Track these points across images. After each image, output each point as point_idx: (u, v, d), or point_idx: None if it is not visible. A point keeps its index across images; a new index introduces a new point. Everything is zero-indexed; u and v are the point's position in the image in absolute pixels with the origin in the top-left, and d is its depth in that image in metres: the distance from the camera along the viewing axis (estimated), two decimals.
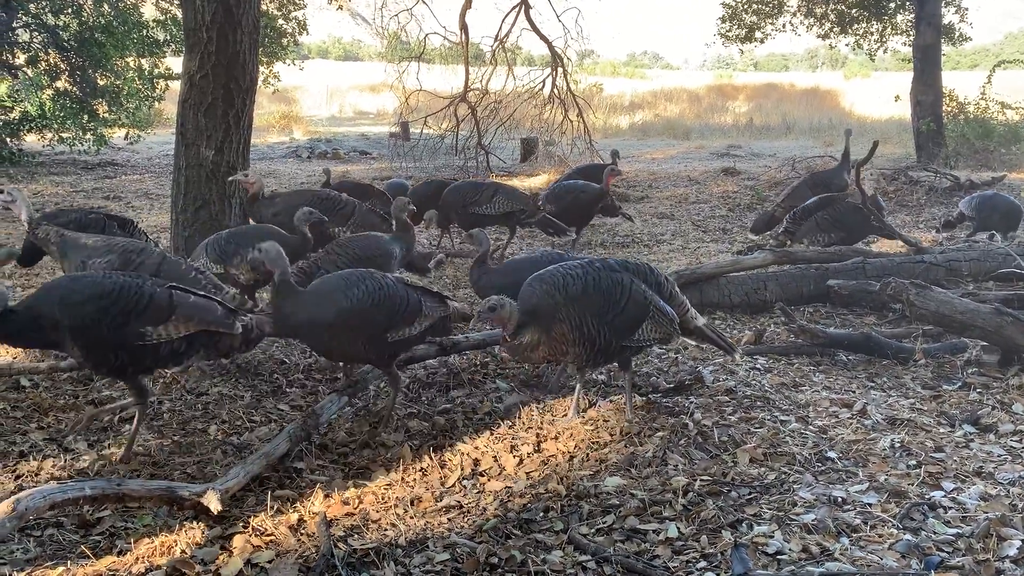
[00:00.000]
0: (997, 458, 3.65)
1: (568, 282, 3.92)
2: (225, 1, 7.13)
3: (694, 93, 34.63)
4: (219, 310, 3.92)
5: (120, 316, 3.65)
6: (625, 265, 4.14)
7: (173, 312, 3.75)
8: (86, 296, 3.65)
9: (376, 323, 4.02)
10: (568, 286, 3.90)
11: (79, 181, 13.82)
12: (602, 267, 4.05)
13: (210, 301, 3.98)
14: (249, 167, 7.91)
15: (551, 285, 3.92)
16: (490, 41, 17.17)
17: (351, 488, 3.53)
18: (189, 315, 3.80)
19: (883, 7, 18.92)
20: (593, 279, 3.94)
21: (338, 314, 3.96)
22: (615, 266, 4.09)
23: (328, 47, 64.41)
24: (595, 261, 4.12)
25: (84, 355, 3.73)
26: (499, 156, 16.98)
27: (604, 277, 3.97)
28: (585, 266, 4.05)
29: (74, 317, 3.59)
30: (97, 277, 3.88)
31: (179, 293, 3.86)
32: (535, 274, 4.07)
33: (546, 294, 3.89)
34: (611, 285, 3.95)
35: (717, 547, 2.94)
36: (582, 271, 3.98)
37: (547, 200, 8.47)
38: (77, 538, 3.18)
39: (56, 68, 16.13)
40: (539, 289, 3.93)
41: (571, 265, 4.08)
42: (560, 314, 3.84)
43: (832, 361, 5.20)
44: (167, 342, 3.75)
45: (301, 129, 23.95)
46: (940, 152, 15.06)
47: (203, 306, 3.90)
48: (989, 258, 6.76)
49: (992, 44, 60.76)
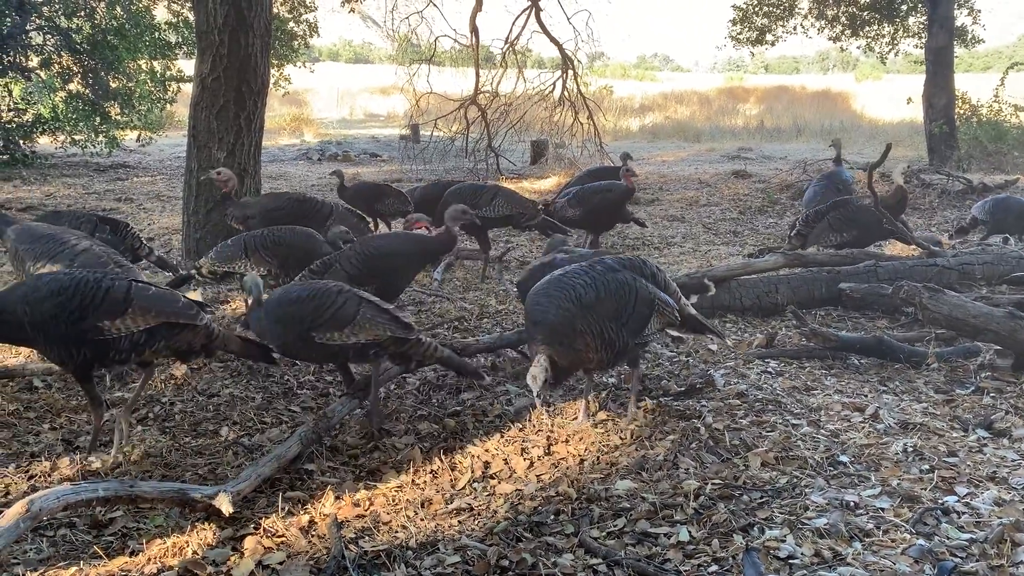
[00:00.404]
0: (1011, 463, 3.62)
1: (580, 292, 3.84)
2: (237, 4, 7.17)
3: (704, 95, 34.60)
4: (180, 301, 3.91)
5: (77, 311, 3.66)
6: (622, 263, 4.14)
7: (130, 305, 3.74)
8: (45, 293, 3.67)
9: (299, 319, 4.02)
10: (581, 296, 3.83)
11: (91, 183, 13.90)
12: (604, 269, 4.01)
13: (171, 293, 3.99)
14: (260, 169, 7.96)
15: (563, 298, 3.82)
16: (500, 43, 17.18)
17: (362, 490, 3.54)
18: (147, 307, 3.78)
19: (895, 9, 18.84)
20: (603, 284, 3.90)
21: (272, 309, 4.10)
22: (615, 265, 4.07)
23: (339, 50, 64.62)
24: (595, 264, 4.07)
25: (48, 351, 3.77)
26: (509, 159, 16.99)
27: (611, 279, 3.94)
28: (588, 271, 3.98)
29: (35, 314, 3.64)
30: (60, 274, 3.90)
31: (138, 285, 3.86)
32: (539, 288, 3.96)
33: (561, 309, 3.79)
34: (619, 287, 3.93)
35: (729, 551, 2.93)
36: (589, 278, 3.92)
37: (570, 204, 8.35)
38: (90, 538, 3.19)
39: (69, 70, 16.24)
40: (552, 305, 3.82)
41: (574, 272, 4.00)
42: (580, 325, 3.78)
43: (844, 365, 5.17)
44: (127, 335, 3.74)
45: (312, 131, 24.04)
46: (953, 155, 14.98)
47: (163, 297, 3.89)
48: (1003, 261, 6.71)
49: (1005, 46, 60.39)
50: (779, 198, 12.52)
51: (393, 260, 5.35)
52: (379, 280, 5.24)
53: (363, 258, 5.26)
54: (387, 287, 5.28)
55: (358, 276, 5.12)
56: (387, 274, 5.29)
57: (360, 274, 5.15)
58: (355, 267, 5.20)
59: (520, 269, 8.21)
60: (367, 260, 5.24)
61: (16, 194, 11.74)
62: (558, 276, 4.01)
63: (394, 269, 5.35)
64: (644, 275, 4.11)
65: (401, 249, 5.46)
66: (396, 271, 5.38)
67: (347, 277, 5.08)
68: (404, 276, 5.53)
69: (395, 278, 5.40)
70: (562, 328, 3.78)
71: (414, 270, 5.69)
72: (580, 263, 4.16)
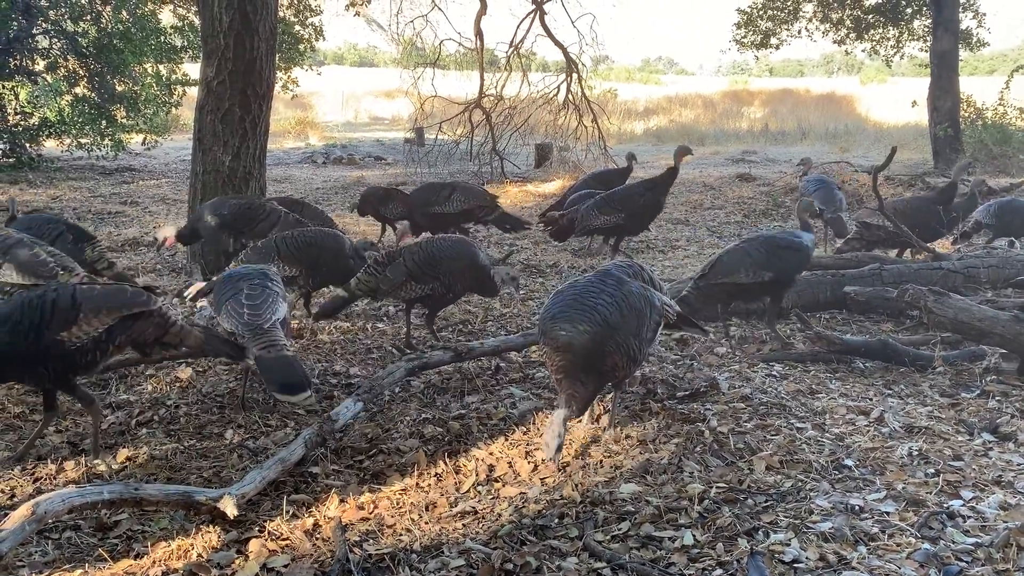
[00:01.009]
0: (1017, 467, 3.61)
1: (605, 313, 3.71)
2: (242, 8, 7.19)
3: (709, 99, 34.58)
4: (128, 292, 3.90)
5: (32, 332, 3.63)
6: (628, 271, 4.09)
7: (80, 310, 3.71)
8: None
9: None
10: (608, 318, 3.70)
11: (97, 186, 13.95)
12: (616, 283, 3.90)
13: (118, 287, 3.96)
14: (265, 172, 7.98)
15: (589, 321, 3.68)
16: (505, 47, 17.24)
17: (366, 493, 3.54)
18: (98, 307, 3.76)
19: (900, 13, 18.85)
20: (623, 300, 3.79)
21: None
22: (623, 276, 4.00)
23: (344, 53, 64.77)
24: (606, 279, 3.94)
25: (21, 378, 3.77)
26: (513, 162, 17.01)
27: (628, 294, 3.83)
28: (604, 288, 3.85)
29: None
30: (3, 303, 3.91)
31: (82, 288, 3.85)
32: (558, 310, 3.81)
33: (588, 333, 3.66)
34: (636, 300, 3.85)
35: (733, 555, 2.92)
36: (609, 296, 3.79)
37: (602, 211, 8.21)
38: (95, 541, 3.20)
39: (75, 74, 16.31)
40: (576, 328, 3.67)
41: (591, 290, 3.85)
42: (609, 347, 3.69)
43: (849, 368, 5.17)
44: (88, 339, 3.73)
45: (317, 135, 24.09)
46: (958, 158, 14.95)
47: (110, 293, 3.87)
48: (1008, 265, 6.69)
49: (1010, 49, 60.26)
50: (783, 201, 12.51)
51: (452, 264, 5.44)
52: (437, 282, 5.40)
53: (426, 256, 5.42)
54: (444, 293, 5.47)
55: (418, 274, 5.35)
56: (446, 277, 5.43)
57: (421, 273, 5.36)
58: (416, 265, 5.37)
59: (524, 272, 8.21)
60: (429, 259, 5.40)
61: (22, 197, 11.77)
62: (575, 295, 3.85)
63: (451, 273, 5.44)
64: (644, 280, 4.10)
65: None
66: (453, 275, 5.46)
67: (407, 272, 5.35)
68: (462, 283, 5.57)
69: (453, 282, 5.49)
70: (587, 353, 3.66)
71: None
72: (590, 278, 4.04)
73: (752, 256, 5.33)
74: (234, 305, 4.21)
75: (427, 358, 4.76)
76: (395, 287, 5.43)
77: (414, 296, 5.49)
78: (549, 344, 3.75)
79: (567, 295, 3.90)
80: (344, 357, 5.47)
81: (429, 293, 5.45)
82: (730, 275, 5.31)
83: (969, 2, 18.11)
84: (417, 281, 5.39)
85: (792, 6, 19.80)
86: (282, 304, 4.35)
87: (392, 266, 5.45)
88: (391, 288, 5.45)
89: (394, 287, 5.44)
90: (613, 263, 4.25)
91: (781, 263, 5.35)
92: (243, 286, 4.31)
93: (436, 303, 5.58)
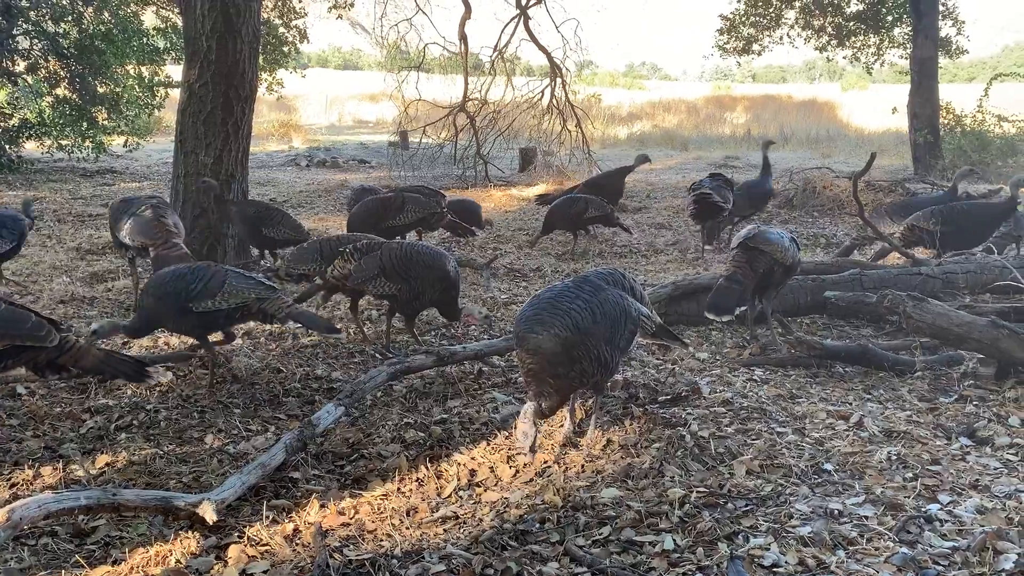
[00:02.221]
0: (993, 471, 3.65)
1: (576, 318, 3.70)
2: (225, 10, 7.17)
3: (692, 104, 34.78)
4: (30, 322, 3.81)
5: None
6: (606, 278, 4.05)
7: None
8: None
9: None
10: (579, 323, 3.69)
11: (78, 188, 13.83)
12: (593, 289, 3.89)
13: (23, 312, 3.89)
14: (247, 175, 7.95)
15: (560, 326, 3.67)
16: (489, 51, 17.28)
17: (347, 498, 3.52)
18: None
19: (881, 20, 19.03)
20: (597, 306, 3.78)
21: None
22: (601, 284, 3.97)
23: (328, 56, 64.62)
24: (582, 285, 3.93)
25: None
26: (498, 166, 17.02)
27: (603, 301, 3.83)
28: (580, 293, 3.84)
29: None
30: None
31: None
32: (531, 313, 3.80)
33: (558, 337, 3.65)
34: (611, 308, 3.84)
35: (713, 559, 2.93)
36: (583, 301, 3.78)
37: (742, 204, 8.75)
38: (72, 547, 3.17)
39: (56, 75, 16.16)
40: (547, 332, 3.66)
41: (566, 295, 3.84)
42: (578, 352, 3.69)
43: (829, 373, 5.20)
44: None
45: (300, 137, 24.01)
46: (937, 164, 15.12)
47: (11, 319, 3.79)
48: (986, 270, 6.76)
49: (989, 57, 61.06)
50: (766, 206, 12.56)
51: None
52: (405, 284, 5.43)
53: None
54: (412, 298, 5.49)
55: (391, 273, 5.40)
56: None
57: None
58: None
59: (508, 275, 8.22)
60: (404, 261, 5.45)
61: (1, 199, 11.66)
62: (549, 299, 3.86)
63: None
64: (624, 288, 4.07)
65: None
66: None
67: (380, 267, 5.39)
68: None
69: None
70: (557, 358, 3.66)
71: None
72: (567, 283, 4.01)
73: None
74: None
75: (409, 362, 4.76)
76: (366, 278, 5.44)
77: (381, 292, 5.50)
78: (520, 346, 3.76)
79: (543, 299, 3.89)
80: (326, 361, 5.45)
81: (395, 293, 5.46)
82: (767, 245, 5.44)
83: (948, 10, 18.31)
84: (387, 278, 5.41)
85: (774, 13, 19.94)
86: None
87: (368, 257, 5.46)
88: (361, 277, 5.45)
89: (365, 278, 5.44)
90: (594, 270, 4.22)
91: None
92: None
93: (401, 305, 5.58)
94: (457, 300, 5.63)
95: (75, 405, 4.56)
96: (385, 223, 7.79)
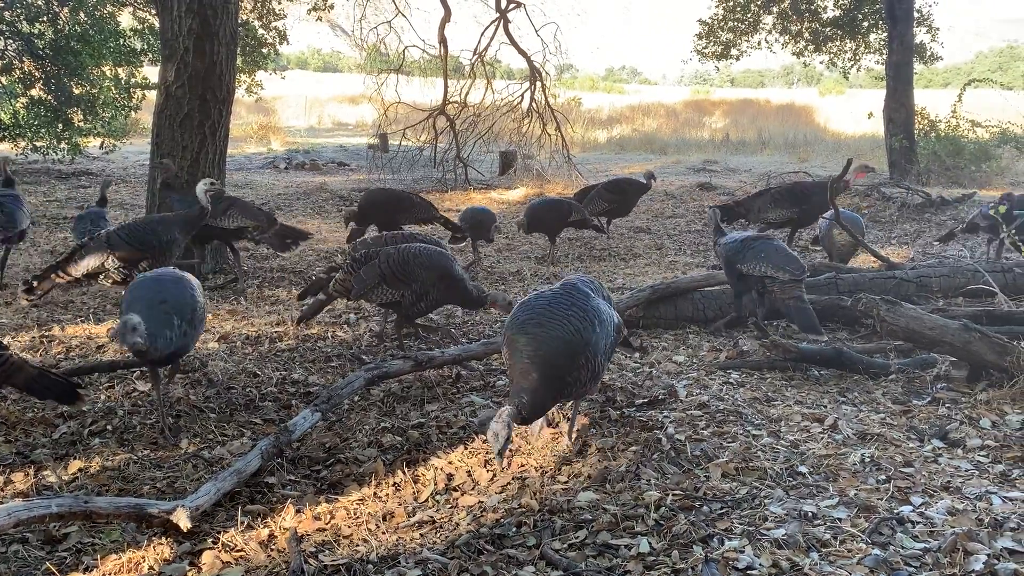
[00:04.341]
0: (964, 473, 3.69)
1: (579, 325, 3.66)
2: (203, 12, 7.13)
3: (671, 108, 34.98)
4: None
5: None
6: (590, 287, 4.01)
7: None
8: None
9: None
10: (582, 330, 3.65)
11: (53, 190, 13.69)
12: (584, 297, 3.84)
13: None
14: (225, 178, 7.90)
15: (563, 331, 3.63)
16: (469, 54, 17.30)
17: (323, 503, 3.51)
18: None
19: (857, 26, 19.24)
20: (594, 315, 3.74)
21: None
22: (589, 292, 3.93)
23: (307, 58, 64.32)
24: (575, 292, 3.89)
25: None
26: (478, 169, 17.03)
27: (594, 309, 3.78)
28: (573, 300, 3.80)
29: None
30: None
31: None
32: (526, 318, 3.73)
33: (562, 341, 3.61)
34: (605, 317, 3.83)
35: (688, 562, 2.95)
36: (579, 310, 3.73)
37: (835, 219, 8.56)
38: (43, 555, 3.13)
39: (31, 76, 15.95)
40: (550, 336, 3.62)
41: (560, 303, 3.78)
42: (579, 360, 3.64)
43: (804, 376, 5.24)
44: None
45: (279, 140, 23.88)
46: (912, 169, 15.28)
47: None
48: (959, 274, 6.85)
49: (964, 63, 61.86)
50: None
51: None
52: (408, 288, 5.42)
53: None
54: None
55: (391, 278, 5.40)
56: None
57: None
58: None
59: (487, 279, 8.22)
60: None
61: None
62: (542, 306, 3.77)
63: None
64: (604, 298, 4.06)
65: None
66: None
67: (380, 275, 5.40)
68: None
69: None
70: (556, 363, 3.59)
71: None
72: (556, 291, 3.94)
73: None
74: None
75: (387, 367, 4.74)
76: (368, 289, 5.42)
77: (385, 300, 5.48)
78: (514, 349, 3.64)
79: (538, 305, 3.79)
80: (303, 365, 5.42)
81: (399, 300, 5.44)
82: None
83: (923, 17, 18.54)
84: (389, 285, 5.39)
85: (752, 18, 20.10)
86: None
87: (367, 267, 5.44)
88: (363, 289, 5.43)
89: (367, 288, 5.42)
90: (577, 277, 4.15)
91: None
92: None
93: (406, 310, 5.54)
94: (469, 289, 5.53)
95: (48, 410, 4.50)
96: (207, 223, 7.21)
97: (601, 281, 4.46)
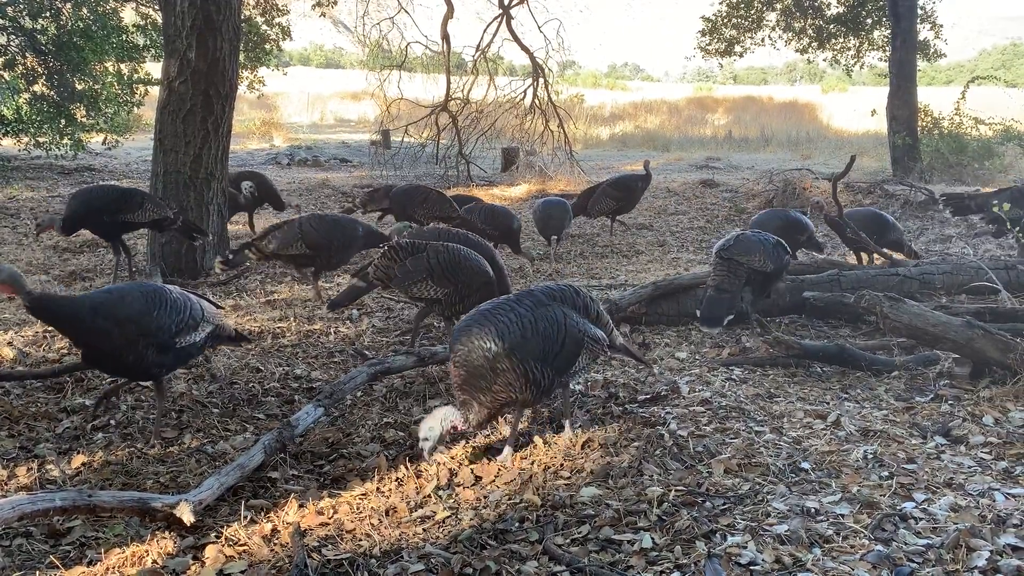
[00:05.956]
0: (967, 469, 3.69)
1: (503, 330, 3.66)
2: (205, 8, 7.12)
3: (674, 105, 34.94)
4: None
5: None
6: (552, 294, 3.94)
7: None
8: None
9: None
10: (504, 335, 3.66)
11: (55, 186, 13.70)
12: (533, 304, 3.82)
13: None
14: (227, 174, 7.90)
15: (485, 336, 3.66)
16: (472, 51, 17.30)
17: (326, 498, 3.51)
18: None
19: (860, 23, 19.21)
20: (529, 322, 3.73)
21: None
22: (544, 299, 3.88)
23: (310, 54, 64.32)
24: (523, 298, 3.88)
25: None
26: (480, 165, 17.03)
27: (539, 317, 3.76)
28: (515, 307, 3.80)
29: None
30: None
31: None
32: (464, 323, 3.81)
33: (482, 350, 3.64)
34: (547, 325, 3.76)
35: (691, 558, 2.95)
36: (516, 315, 3.74)
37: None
38: (47, 548, 3.14)
39: (33, 72, 15.98)
40: (473, 345, 3.67)
41: (501, 307, 3.81)
42: (502, 366, 3.64)
43: (807, 372, 5.24)
44: None
45: (281, 136, 23.88)
46: (915, 166, 15.27)
47: None
48: (962, 271, 6.84)
49: (967, 60, 61.74)
50: (746, 207, 12.68)
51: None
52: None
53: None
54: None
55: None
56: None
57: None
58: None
59: None
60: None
61: None
62: (485, 310, 3.81)
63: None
64: (576, 307, 3.95)
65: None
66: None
67: (428, 269, 5.40)
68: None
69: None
70: (480, 370, 3.65)
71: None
72: (510, 296, 3.96)
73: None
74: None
75: (390, 363, 4.74)
76: (413, 280, 5.40)
77: (427, 295, 5.44)
78: (451, 357, 3.76)
79: (482, 309, 3.86)
80: (306, 361, 5.43)
81: (439, 298, 5.42)
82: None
83: (927, 14, 18.51)
84: (435, 281, 5.38)
85: (755, 15, 20.08)
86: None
87: (414, 258, 5.41)
88: (407, 280, 5.41)
89: (412, 280, 5.40)
90: (543, 285, 4.08)
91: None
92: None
93: (445, 308, 5.51)
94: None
95: (51, 405, 4.51)
96: (120, 217, 7.22)
97: (602, 280, 4.44)
